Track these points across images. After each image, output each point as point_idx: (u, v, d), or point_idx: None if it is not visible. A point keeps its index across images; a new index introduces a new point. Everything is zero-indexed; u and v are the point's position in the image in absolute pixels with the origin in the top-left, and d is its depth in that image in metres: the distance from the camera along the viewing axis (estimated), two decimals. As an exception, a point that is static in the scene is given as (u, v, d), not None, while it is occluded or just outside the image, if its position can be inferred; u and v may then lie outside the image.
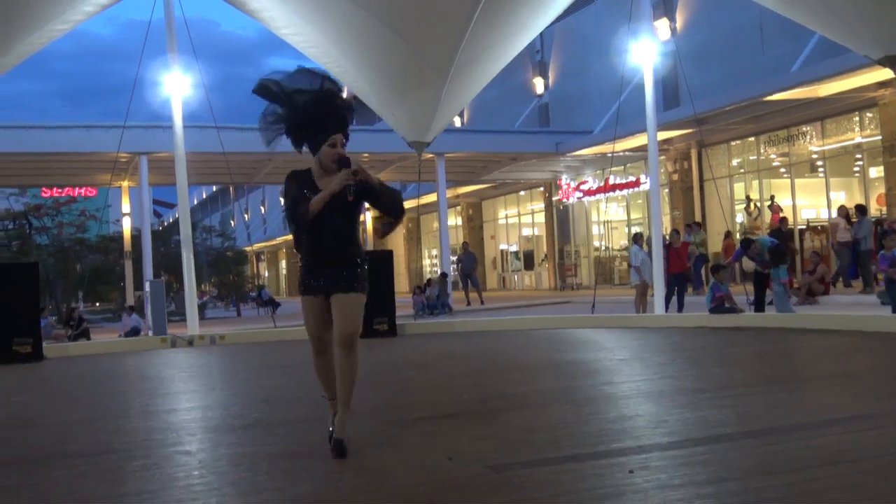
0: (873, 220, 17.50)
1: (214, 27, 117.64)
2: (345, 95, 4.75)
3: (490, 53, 13.48)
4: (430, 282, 23.04)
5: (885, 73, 14.79)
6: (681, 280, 15.32)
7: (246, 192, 55.82)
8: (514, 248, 34.60)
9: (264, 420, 6.00)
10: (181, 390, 8.41)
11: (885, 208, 18.78)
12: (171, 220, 50.85)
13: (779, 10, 12.27)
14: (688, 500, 3.39)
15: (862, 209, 16.80)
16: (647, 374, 7.63)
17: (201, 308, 24.00)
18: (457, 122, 31.23)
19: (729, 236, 19.44)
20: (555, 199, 30.22)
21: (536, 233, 32.80)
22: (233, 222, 59.20)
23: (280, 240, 47.42)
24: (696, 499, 3.40)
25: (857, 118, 19.48)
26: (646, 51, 13.92)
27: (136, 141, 19.73)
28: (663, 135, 20.25)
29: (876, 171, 19.75)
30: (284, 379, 8.82)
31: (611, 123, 19.59)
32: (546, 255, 31.52)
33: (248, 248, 48.41)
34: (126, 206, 25.90)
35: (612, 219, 28.94)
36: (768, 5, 12.10)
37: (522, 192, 32.91)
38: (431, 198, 26.88)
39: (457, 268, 25.29)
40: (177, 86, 13.99)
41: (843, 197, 20.65)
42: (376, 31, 12.49)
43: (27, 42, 12.25)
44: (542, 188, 31.14)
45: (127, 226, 25.88)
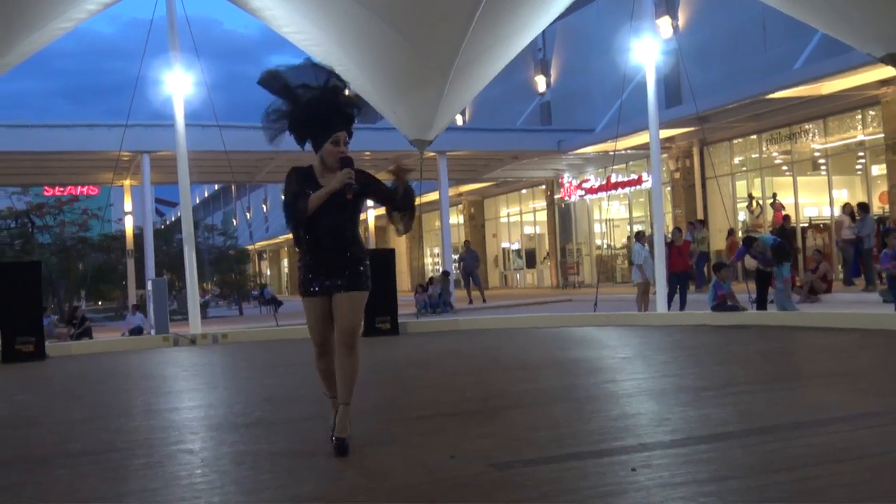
0: (875, 218, 17.50)
1: (216, 25, 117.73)
2: (348, 93, 4.69)
3: (492, 52, 13.47)
4: (432, 280, 23.05)
5: (887, 71, 14.78)
6: (683, 278, 15.31)
7: (248, 190, 55.81)
8: (515, 246, 34.59)
9: (266, 418, 6.01)
10: (183, 389, 8.42)
11: (887, 206, 18.76)
12: (174, 219, 50.91)
13: (781, 8, 12.25)
14: (690, 498, 3.39)
15: (864, 207, 16.78)
16: (649, 372, 7.62)
17: (203, 307, 24.03)
18: (459, 120, 31.24)
19: (732, 234, 19.43)
20: (557, 197, 30.22)
21: (538, 231, 32.80)
22: (235, 221, 59.21)
23: (282, 238, 47.43)
24: (699, 497, 3.40)
25: (860, 116, 19.46)
26: (648, 49, 13.92)
27: (139, 139, 19.73)
28: (665, 133, 20.23)
29: (878, 169, 19.73)
30: (286, 377, 8.83)
31: (613, 121, 19.58)
32: (548, 254, 31.52)
33: (250, 247, 48.45)
34: (128, 205, 25.90)
35: (614, 217, 28.92)
36: (771, 3, 12.08)
37: (524, 191, 32.90)
38: (433, 196, 26.88)
39: (459, 266, 25.29)
40: (179, 84, 14.00)
41: (845, 195, 20.63)
42: (378, 29, 12.49)
43: (29, 41, 12.27)
44: (543, 186, 31.13)
45: (129, 224, 25.88)
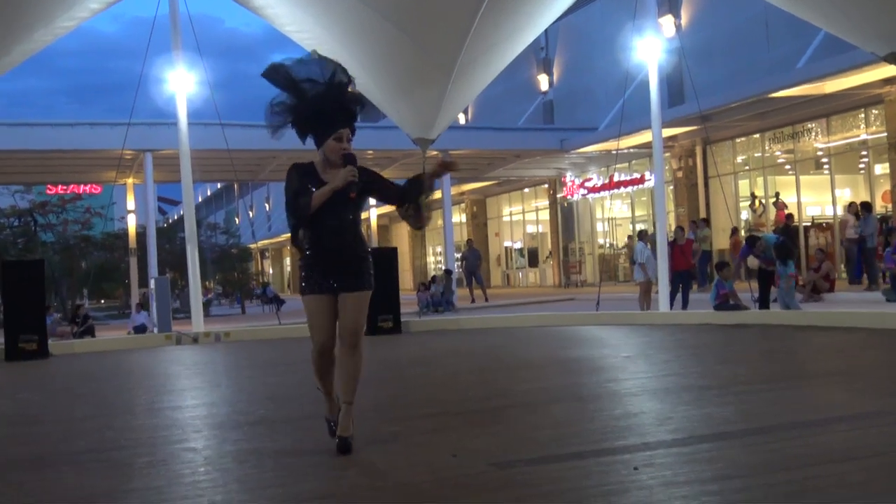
0: (878, 217, 17.48)
1: (218, 24, 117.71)
2: (352, 88, 4.62)
3: (494, 50, 13.47)
4: (434, 279, 23.06)
5: (890, 70, 14.79)
6: (685, 277, 15.31)
7: (250, 189, 55.82)
8: (518, 245, 34.58)
9: (269, 417, 6.02)
10: (186, 387, 8.43)
11: (890, 205, 18.74)
12: (176, 218, 50.98)
13: (784, 7, 12.24)
14: (693, 497, 3.39)
15: (867, 206, 16.76)
16: (651, 371, 7.62)
17: (206, 305, 24.05)
18: (461, 119, 31.23)
19: (736, 233, 19.40)
20: (559, 196, 30.21)
21: (541, 230, 32.79)
22: (237, 219, 59.14)
23: (284, 237, 47.38)
24: (701, 496, 3.41)
25: (863, 115, 19.43)
26: (650, 47, 13.91)
27: (141, 138, 19.73)
28: (668, 132, 20.22)
29: (881, 168, 19.70)
30: (289, 376, 8.83)
31: (615, 120, 19.57)
32: (550, 253, 31.50)
33: (252, 246, 48.42)
34: (131, 204, 25.90)
35: (617, 216, 28.91)
36: (773, 2, 12.07)
37: (527, 190, 32.89)
38: (436, 195, 26.83)
39: (461, 265, 25.30)
40: (181, 83, 14.01)
41: (848, 194, 20.61)
42: (381, 28, 12.50)
43: (32, 39, 12.28)
44: (546, 185, 31.11)
45: (132, 223, 25.89)
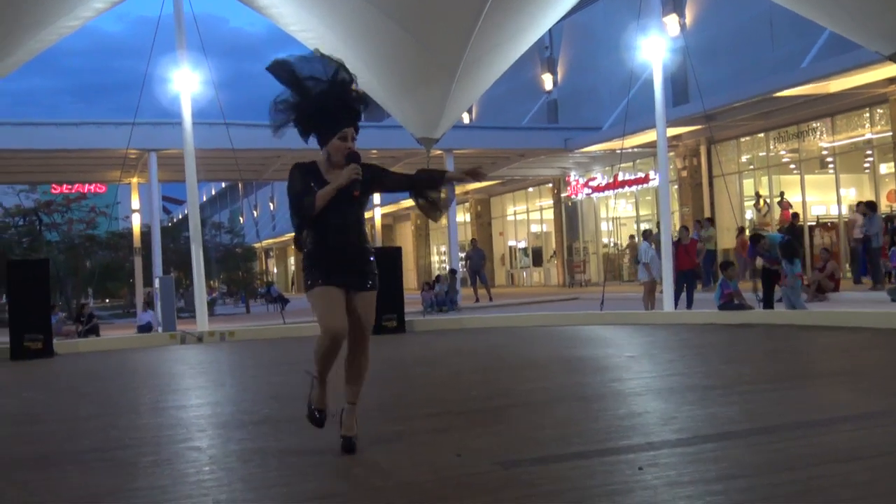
0: (883, 216, 17.45)
1: (223, 23, 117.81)
2: (356, 87, 4.59)
3: (499, 50, 13.47)
4: (438, 278, 23.06)
5: (895, 69, 14.75)
6: (690, 277, 15.29)
7: (255, 188, 55.89)
8: (522, 244, 34.57)
9: (274, 416, 6.02)
10: (191, 386, 8.45)
11: (895, 205, 18.72)
12: (181, 217, 51.01)
13: (788, 6, 12.22)
14: (697, 497, 3.39)
15: (872, 206, 16.74)
16: (655, 370, 7.62)
17: (210, 304, 24.06)
18: (465, 118, 31.24)
19: (742, 232, 19.37)
20: (563, 195, 30.20)
21: (545, 229, 32.77)
22: (242, 219, 59.23)
23: (288, 236, 47.40)
24: (706, 496, 3.40)
25: (868, 114, 19.41)
26: (655, 47, 13.90)
27: (146, 137, 19.78)
28: (672, 131, 20.20)
29: (886, 168, 19.68)
30: (293, 375, 8.79)
31: (620, 120, 19.56)
32: (555, 252, 31.49)
33: (256, 245, 48.48)
34: (135, 203, 25.94)
35: (621, 215, 28.89)
36: (778, 1, 12.05)
37: (531, 189, 32.88)
38: (443, 193, 26.85)
39: (465, 264, 25.30)
40: (186, 82, 14.03)
41: (853, 193, 20.58)
42: (385, 27, 12.51)
43: (37, 38, 12.31)
44: (550, 184, 31.10)
45: (136, 222, 25.93)
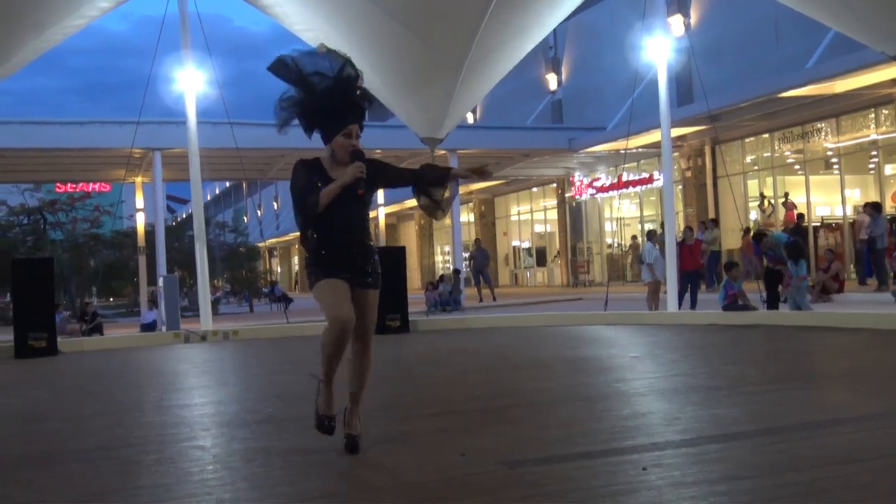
0: (888, 217, 17.42)
1: (227, 23, 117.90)
2: (361, 82, 4.53)
3: (503, 49, 13.47)
4: (442, 278, 23.06)
5: (900, 70, 14.72)
6: (694, 277, 15.29)
7: (259, 187, 55.99)
8: (526, 244, 34.56)
9: (277, 415, 6.03)
10: (194, 385, 8.45)
11: (900, 205, 18.71)
12: (185, 216, 51.01)
13: (794, 6, 12.21)
14: (701, 498, 3.38)
15: (877, 207, 16.70)
16: (659, 371, 7.61)
17: (214, 303, 24.09)
18: (469, 118, 31.23)
19: (748, 233, 19.33)
20: (567, 195, 30.18)
21: (549, 229, 32.76)
22: (246, 218, 59.35)
23: (292, 236, 47.49)
24: (710, 496, 3.40)
25: (873, 115, 19.37)
26: (659, 47, 13.89)
27: (150, 137, 19.80)
28: (677, 131, 20.19)
29: (891, 168, 19.65)
30: (297, 374, 8.82)
31: (624, 120, 19.55)
32: (558, 252, 31.48)
33: (260, 244, 48.59)
34: (140, 202, 25.99)
35: (625, 216, 28.88)
36: (783, 1, 12.04)
37: (535, 189, 32.86)
38: (447, 193, 26.85)
39: (469, 264, 25.30)
40: (190, 81, 14.04)
41: (857, 194, 20.54)
42: (389, 27, 12.51)
43: (42, 38, 12.34)
44: (554, 184, 31.09)
45: (140, 221, 25.97)
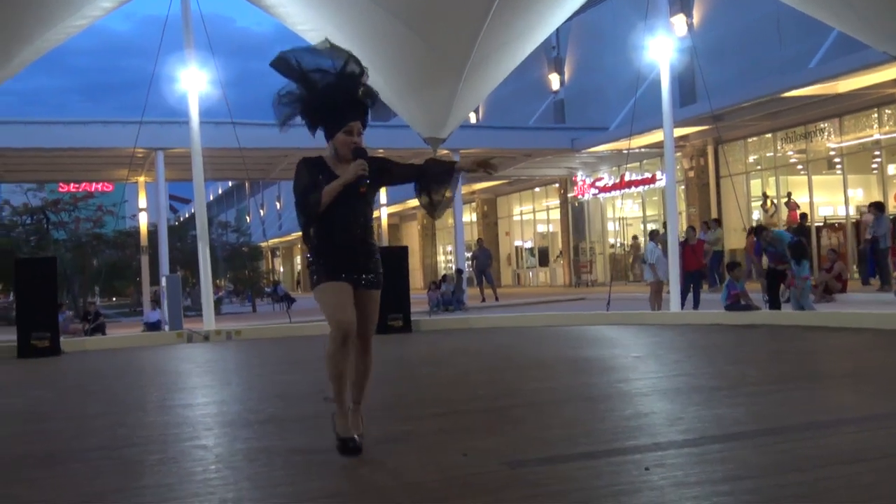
0: (891, 217, 17.40)
1: (230, 23, 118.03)
2: (365, 79, 4.49)
3: (506, 50, 13.47)
4: (445, 278, 23.06)
5: (903, 70, 14.70)
6: (696, 277, 15.28)
7: (261, 187, 55.95)
8: (528, 244, 34.55)
9: (280, 415, 6.03)
10: (197, 385, 8.46)
11: (903, 205, 18.68)
12: (188, 216, 51.12)
13: (796, 6, 12.20)
14: (704, 498, 3.38)
15: (879, 206, 16.68)
16: (662, 371, 7.61)
17: (217, 303, 24.10)
18: (472, 118, 31.23)
19: (752, 233, 19.30)
20: (570, 195, 30.17)
21: (551, 229, 32.76)
22: (248, 218, 59.30)
23: (295, 235, 47.52)
24: (712, 496, 3.40)
25: (876, 115, 19.35)
26: (662, 47, 13.87)
27: (153, 136, 19.80)
28: (679, 131, 20.17)
29: (894, 168, 19.63)
30: (299, 374, 8.85)
31: (627, 120, 19.53)
32: (561, 252, 31.47)
33: (263, 244, 48.56)
34: (142, 202, 26.00)
35: (628, 216, 28.87)
36: (786, 1, 12.03)
37: (537, 189, 32.86)
38: (447, 192, 26.85)
39: (472, 264, 25.30)
40: (193, 81, 14.05)
41: (860, 194, 20.52)
42: (392, 27, 12.51)
43: (45, 38, 12.35)
44: (557, 184, 31.08)
45: (143, 221, 25.98)
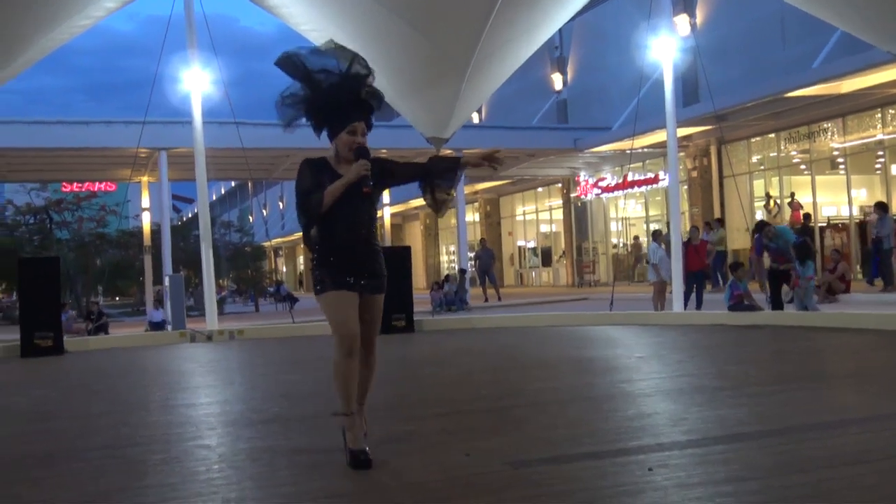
0: (895, 217, 17.37)
1: (233, 23, 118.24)
2: (371, 80, 4.44)
3: (509, 49, 13.46)
4: (447, 278, 23.07)
5: (907, 70, 14.68)
6: (699, 277, 15.27)
7: (264, 187, 55.98)
8: (531, 244, 34.55)
9: (283, 415, 6.03)
10: (200, 385, 8.46)
11: (906, 206, 18.65)
12: (190, 216, 51.19)
13: (800, 6, 12.18)
14: (707, 499, 3.38)
15: (883, 207, 16.67)
16: (665, 371, 7.60)
17: (220, 303, 24.12)
18: (475, 118, 31.23)
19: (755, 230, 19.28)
20: (573, 195, 30.17)
21: (554, 229, 32.75)
22: (251, 217, 59.33)
23: (297, 235, 47.41)
24: (716, 497, 3.40)
25: (879, 115, 19.33)
26: (665, 46, 13.87)
27: (156, 136, 19.84)
28: (683, 131, 20.16)
29: (898, 169, 19.60)
30: (302, 374, 8.85)
31: (630, 120, 19.53)
32: (564, 252, 31.46)
33: (266, 244, 48.59)
34: (146, 201, 26.04)
35: (631, 216, 28.86)
36: (790, 1, 12.01)
37: (540, 189, 32.85)
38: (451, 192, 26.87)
39: (474, 264, 25.29)
40: (196, 81, 14.06)
41: (864, 194, 20.49)
42: (395, 27, 12.50)
43: (48, 38, 12.35)
44: (560, 184, 31.08)
45: (146, 221, 26.03)
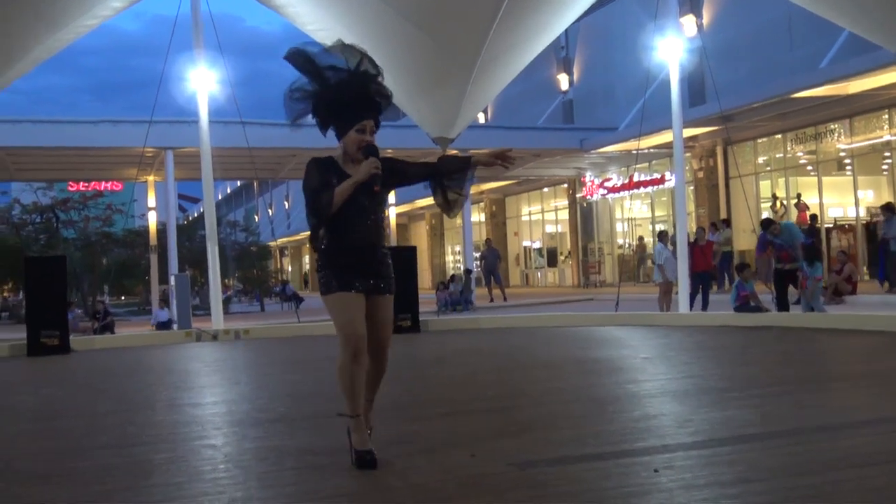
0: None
1: (239, 23, 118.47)
2: (381, 80, 4.37)
3: (515, 50, 13.46)
4: (453, 278, 23.06)
5: (915, 71, 14.63)
6: (705, 278, 15.24)
7: (270, 187, 56.12)
8: (537, 244, 34.52)
9: (289, 414, 6.04)
10: (206, 384, 8.48)
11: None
12: (196, 215, 51.18)
13: (807, 7, 12.16)
14: (713, 500, 3.37)
15: (891, 208, 16.60)
16: (671, 372, 7.59)
17: (226, 302, 24.15)
18: (481, 118, 31.21)
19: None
20: (579, 195, 30.14)
21: (560, 230, 32.72)
22: (257, 217, 59.49)
23: (303, 235, 47.59)
24: (722, 499, 3.39)
25: (886, 116, 19.27)
26: (672, 47, 13.85)
27: (163, 136, 19.85)
28: (689, 132, 20.11)
29: (905, 170, 19.53)
30: (308, 374, 8.86)
31: (636, 120, 19.49)
32: (569, 252, 31.44)
33: (271, 243, 48.69)
34: (152, 201, 26.09)
35: (637, 216, 28.82)
36: (797, 1, 11.99)
37: (546, 189, 32.82)
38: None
39: (480, 264, 25.28)
40: (202, 81, 14.08)
41: (870, 196, 20.44)
42: (401, 27, 12.51)
43: (56, 37, 12.40)
44: (565, 185, 31.04)
45: (152, 220, 26.07)
